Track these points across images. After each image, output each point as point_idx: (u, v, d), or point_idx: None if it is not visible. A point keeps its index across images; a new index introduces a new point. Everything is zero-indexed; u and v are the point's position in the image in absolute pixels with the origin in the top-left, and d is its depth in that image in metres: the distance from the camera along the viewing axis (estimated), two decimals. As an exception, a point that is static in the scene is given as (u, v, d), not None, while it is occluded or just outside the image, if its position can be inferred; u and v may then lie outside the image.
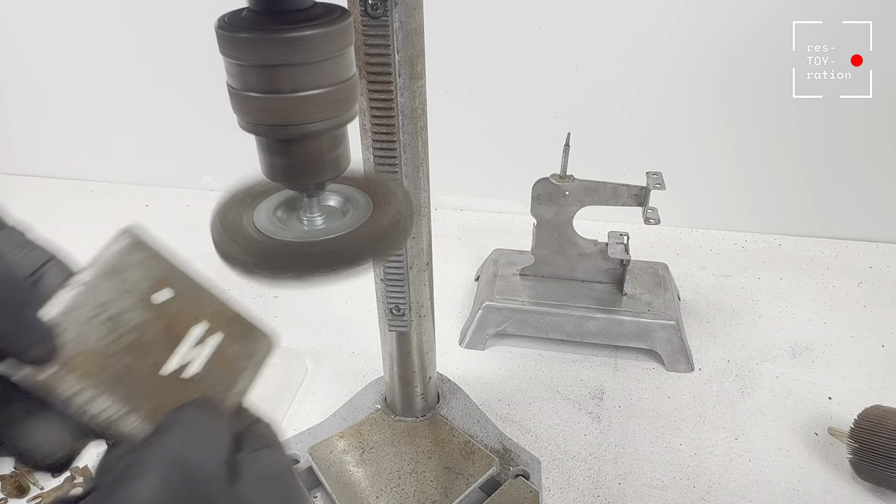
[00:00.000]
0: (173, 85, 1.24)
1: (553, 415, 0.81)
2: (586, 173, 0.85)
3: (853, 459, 0.71)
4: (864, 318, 0.97)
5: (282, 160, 0.39)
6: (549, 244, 0.91)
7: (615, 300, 0.89)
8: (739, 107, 1.06)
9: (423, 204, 0.59)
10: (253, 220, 0.41)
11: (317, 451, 0.71)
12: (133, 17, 1.18)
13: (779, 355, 0.90)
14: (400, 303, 0.63)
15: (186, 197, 1.32)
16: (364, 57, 0.48)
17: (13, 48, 1.25)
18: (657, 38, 1.02)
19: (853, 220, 1.14)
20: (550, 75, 1.08)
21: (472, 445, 0.71)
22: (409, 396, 0.73)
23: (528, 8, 1.03)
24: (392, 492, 0.66)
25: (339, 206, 0.43)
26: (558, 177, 0.85)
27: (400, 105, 0.52)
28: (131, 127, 1.30)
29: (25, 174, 1.40)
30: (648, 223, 0.82)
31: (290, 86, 0.35)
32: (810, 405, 0.82)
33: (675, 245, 1.15)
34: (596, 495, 0.71)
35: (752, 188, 1.14)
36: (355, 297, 1.01)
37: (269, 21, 0.35)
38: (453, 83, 1.11)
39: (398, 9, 0.48)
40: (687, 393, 0.84)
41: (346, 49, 0.37)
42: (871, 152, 1.07)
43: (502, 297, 0.90)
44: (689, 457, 0.75)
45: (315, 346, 0.92)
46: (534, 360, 0.89)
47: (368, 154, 0.55)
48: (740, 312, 0.98)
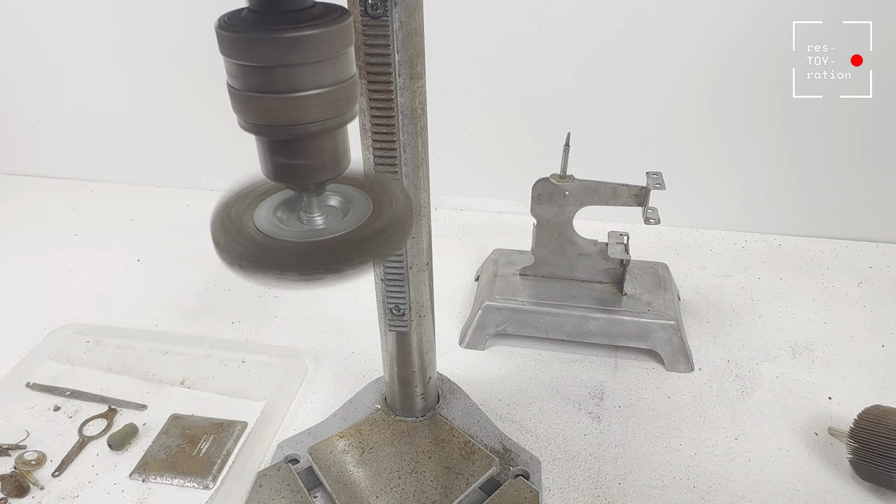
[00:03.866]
0: (173, 85, 1.24)
1: (553, 415, 0.81)
2: (586, 173, 0.85)
3: (853, 459, 0.71)
4: (864, 318, 0.97)
5: (282, 160, 0.39)
6: (549, 244, 0.91)
7: (615, 300, 0.89)
8: (739, 107, 1.06)
9: (423, 204, 0.59)
10: (253, 220, 0.41)
11: (317, 451, 0.71)
12: (133, 17, 1.18)
13: (779, 355, 0.90)
14: (400, 303, 0.63)
15: (186, 197, 1.32)
16: (364, 57, 0.48)
17: (13, 48, 1.25)
18: (657, 38, 1.02)
19: (853, 220, 1.14)
20: (550, 75, 1.08)
21: (472, 445, 0.71)
22: (409, 396, 0.73)
23: (528, 8, 1.03)
24: (392, 492, 0.66)
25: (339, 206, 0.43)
26: (558, 177, 0.85)
27: (400, 105, 0.52)
28: (131, 127, 1.31)
29: (25, 174, 1.40)
30: (648, 223, 0.82)
31: (290, 86, 0.35)
32: (810, 405, 0.82)
33: (675, 245, 1.15)
34: (596, 495, 0.71)
35: (752, 188, 1.14)
36: (355, 297, 1.01)
37: (270, 21, 0.35)
38: (453, 83, 1.11)
39: (398, 9, 0.48)
40: (687, 393, 0.84)
41: (345, 49, 0.37)
42: (871, 152, 1.07)
43: (502, 297, 0.90)
44: (689, 457, 0.75)
45: (315, 346, 0.92)
46: (534, 360, 0.89)
47: (368, 154, 0.55)
48: (740, 312, 0.98)
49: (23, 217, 1.27)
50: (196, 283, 1.06)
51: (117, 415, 0.81)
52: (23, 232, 1.22)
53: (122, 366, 0.88)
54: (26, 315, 0.98)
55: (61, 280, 1.07)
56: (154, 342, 0.91)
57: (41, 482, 0.72)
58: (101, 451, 0.76)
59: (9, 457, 0.75)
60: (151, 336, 0.93)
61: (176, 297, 1.03)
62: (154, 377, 0.86)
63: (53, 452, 0.76)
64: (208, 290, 1.05)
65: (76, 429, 0.78)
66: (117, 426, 0.78)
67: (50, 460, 0.75)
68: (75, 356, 0.90)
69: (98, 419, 0.80)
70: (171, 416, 0.80)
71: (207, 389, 0.84)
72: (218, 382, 0.86)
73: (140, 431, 0.78)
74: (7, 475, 0.72)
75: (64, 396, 0.83)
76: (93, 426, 0.79)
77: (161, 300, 1.02)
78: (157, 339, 0.92)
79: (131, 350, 0.91)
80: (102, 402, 0.82)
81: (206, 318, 0.98)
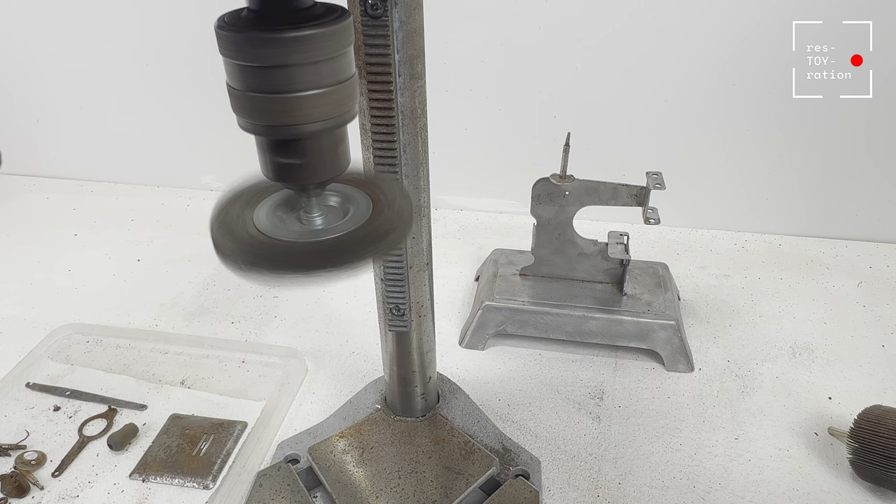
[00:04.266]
0: (174, 85, 1.23)
1: (553, 415, 0.81)
2: (586, 173, 0.85)
3: (853, 459, 0.71)
4: (864, 318, 0.97)
5: (282, 160, 0.39)
6: (549, 244, 0.91)
7: (615, 300, 0.89)
8: (740, 107, 1.06)
9: (423, 204, 0.59)
10: (253, 220, 0.41)
11: (317, 451, 0.71)
12: (133, 17, 1.18)
13: (779, 355, 0.90)
14: (400, 303, 0.63)
15: (186, 197, 1.32)
16: (364, 57, 0.48)
17: (13, 48, 1.25)
18: (657, 38, 1.02)
19: (853, 220, 1.14)
20: (550, 75, 1.08)
21: (472, 445, 0.71)
22: (409, 396, 0.73)
23: (528, 8, 1.03)
24: (392, 492, 0.66)
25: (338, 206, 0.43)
26: (558, 177, 0.85)
27: (400, 105, 0.52)
28: (131, 127, 1.31)
29: (25, 174, 1.40)
30: (648, 223, 0.82)
31: (290, 86, 0.35)
32: (810, 405, 0.82)
33: (675, 245, 1.15)
34: (596, 495, 0.71)
35: (752, 188, 1.14)
36: (355, 297, 1.01)
37: (269, 21, 0.35)
38: (453, 83, 1.11)
39: (398, 9, 0.48)
40: (687, 393, 0.84)
41: (345, 49, 0.37)
42: (871, 152, 1.07)
43: (502, 297, 0.90)
44: (689, 457, 0.75)
45: (315, 346, 0.92)
46: (534, 360, 0.89)
47: (368, 154, 0.55)
48: (740, 312, 0.98)
49: (23, 217, 1.27)
50: (196, 283, 1.06)
51: (117, 415, 0.81)
52: (23, 232, 1.22)
53: (122, 366, 0.88)
54: (26, 315, 0.98)
55: (61, 280, 1.07)
56: (154, 342, 0.91)
57: (41, 482, 0.72)
58: (101, 451, 0.76)
59: (9, 457, 0.75)
60: (151, 336, 0.93)
61: (176, 297, 1.03)
62: (154, 377, 0.86)
63: (53, 452, 0.76)
64: (208, 290, 1.05)
65: (76, 429, 0.78)
66: (117, 426, 0.78)
67: (50, 460, 0.75)
68: (75, 356, 0.90)
69: (98, 419, 0.80)
70: (171, 416, 0.80)
71: (207, 389, 0.84)
72: (218, 382, 0.86)
73: (140, 431, 0.78)
74: (7, 475, 0.72)
75: (64, 396, 0.83)
76: (93, 426, 0.79)
77: (161, 300, 1.02)
78: (157, 339, 0.92)
79: (131, 350, 0.91)
80: (102, 402, 0.82)
81: (206, 318, 0.98)
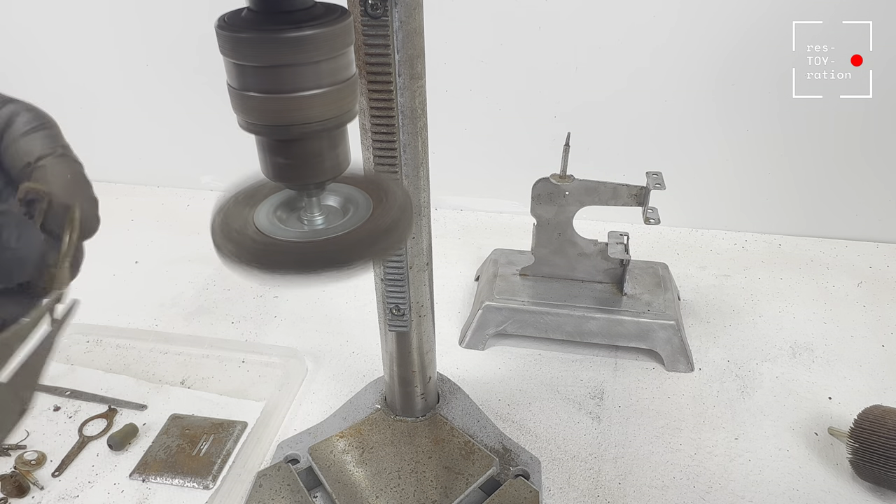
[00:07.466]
0: (173, 85, 1.24)
1: (553, 415, 0.81)
2: (586, 173, 0.85)
3: (853, 459, 0.71)
4: (864, 318, 0.97)
5: (282, 160, 0.39)
6: (549, 244, 0.91)
7: (615, 300, 0.89)
8: (739, 107, 1.06)
9: (423, 204, 0.59)
10: (253, 220, 0.41)
11: (317, 451, 0.71)
12: (133, 17, 1.18)
13: (779, 355, 0.90)
14: (400, 303, 0.63)
15: (186, 197, 1.32)
16: (364, 57, 0.48)
17: (13, 48, 1.25)
18: (657, 38, 1.02)
19: (853, 220, 1.14)
20: (550, 75, 1.08)
21: (472, 445, 0.71)
22: (409, 396, 0.73)
23: (528, 8, 1.03)
24: (392, 492, 0.66)
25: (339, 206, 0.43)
26: (558, 177, 0.85)
27: (400, 105, 0.52)
28: (131, 127, 1.31)
29: (25, 174, 1.40)
30: (648, 223, 0.82)
31: (290, 86, 0.35)
32: (810, 405, 0.82)
33: (675, 245, 1.15)
34: (596, 495, 0.71)
35: (752, 188, 1.14)
36: (355, 297, 1.01)
37: (270, 21, 0.35)
38: (453, 83, 1.11)
39: (398, 9, 0.48)
40: (687, 393, 0.84)
41: (346, 49, 0.37)
42: (871, 152, 1.07)
43: (502, 297, 0.90)
44: (689, 457, 0.75)
45: (315, 346, 0.92)
46: (534, 360, 0.89)
47: (368, 154, 0.55)
48: (740, 312, 0.98)
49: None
50: (196, 283, 1.06)
51: (117, 415, 0.81)
52: (23, 232, 1.22)
53: (122, 366, 0.88)
54: (26, 315, 0.98)
55: (61, 280, 1.07)
56: (154, 342, 0.91)
57: (41, 482, 0.72)
58: (101, 451, 0.76)
59: (9, 457, 0.75)
60: (151, 336, 0.92)
61: (176, 297, 1.03)
62: (154, 377, 0.86)
63: (53, 452, 0.76)
64: (208, 290, 1.05)
65: (76, 429, 0.78)
66: (117, 426, 0.79)
67: (50, 460, 0.75)
68: (75, 356, 0.90)
69: (98, 419, 0.80)
70: (171, 416, 0.80)
71: (207, 389, 0.84)
72: (218, 382, 0.86)
73: (140, 431, 0.78)
74: (7, 475, 0.72)
75: (64, 396, 0.83)
76: (93, 426, 0.79)
77: (161, 300, 1.02)
78: (157, 339, 0.92)
79: (131, 350, 0.91)
80: (102, 402, 0.82)
81: (206, 318, 0.98)
